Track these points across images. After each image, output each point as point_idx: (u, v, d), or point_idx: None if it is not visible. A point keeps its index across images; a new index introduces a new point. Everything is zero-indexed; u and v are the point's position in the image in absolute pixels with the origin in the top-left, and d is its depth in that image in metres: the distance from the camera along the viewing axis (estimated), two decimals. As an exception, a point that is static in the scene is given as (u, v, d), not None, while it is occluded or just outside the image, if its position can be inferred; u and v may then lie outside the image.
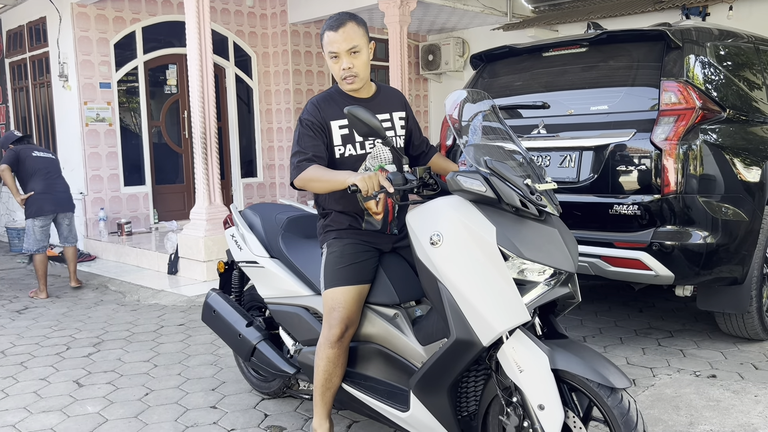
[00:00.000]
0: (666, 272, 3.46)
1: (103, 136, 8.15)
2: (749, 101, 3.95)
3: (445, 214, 2.20)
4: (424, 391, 2.30)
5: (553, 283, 2.13)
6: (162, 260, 6.76)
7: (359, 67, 2.50)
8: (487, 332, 2.07)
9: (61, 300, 5.88)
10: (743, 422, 2.90)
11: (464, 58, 10.51)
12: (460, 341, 2.12)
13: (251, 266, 3.10)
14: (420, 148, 2.82)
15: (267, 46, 9.74)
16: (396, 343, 2.48)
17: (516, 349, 2.10)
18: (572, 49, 4.10)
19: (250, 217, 3.23)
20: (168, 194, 8.89)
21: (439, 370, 2.22)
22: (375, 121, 2.29)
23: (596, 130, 3.73)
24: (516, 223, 2.13)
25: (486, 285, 2.08)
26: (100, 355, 4.25)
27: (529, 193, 2.11)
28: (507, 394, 2.18)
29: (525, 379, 2.07)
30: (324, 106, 2.57)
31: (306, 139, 2.51)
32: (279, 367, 2.96)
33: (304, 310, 2.84)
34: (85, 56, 7.97)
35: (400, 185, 2.32)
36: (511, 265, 2.09)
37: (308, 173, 2.43)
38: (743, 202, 3.58)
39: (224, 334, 3.27)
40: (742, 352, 3.81)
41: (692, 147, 3.43)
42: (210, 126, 6.21)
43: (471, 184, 2.16)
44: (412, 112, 2.79)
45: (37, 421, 3.26)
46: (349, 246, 2.57)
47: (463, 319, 2.10)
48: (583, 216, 3.74)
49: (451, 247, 2.15)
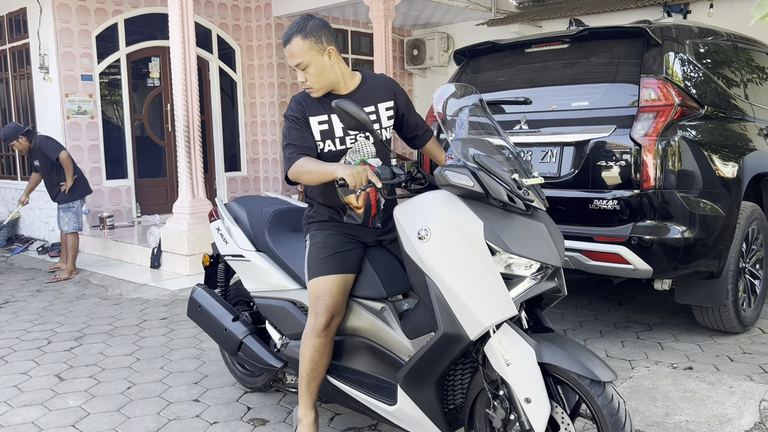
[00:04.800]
0: (645, 266, 3.51)
1: (85, 128, 8.08)
2: (727, 98, 4.02)
3: (433, 209, 2.21)
4: (411, 385, 2.31)
5: (540, 277, 2.15)
6: (145, 254, 6.73)
7: (311, 80, 2.54)
8: (475, 326, 2.08)
9: (42, 294, 5.83)
10: (718, 413, 2.97)
11: (449, 53, 10.53)
12: (447, 335, 2.13)
13: (237, 260, 3.08)
14: (415, 131, 2.80)
15: (251, 39, 9.70)
16: (383, 337, 2.48)
17: (503, 342, 2.11)
18: (554, 45, 4.14)
19: (235, 211, 3.22)
20: (151, 188, 8.83)
21: (427, 364, 2.24)
22: (363, 114, 2.29)
23: (577, 125, 3.77)
24: (503, 218, 2.14)
25: (473, 279, 2.09)
26: (81, 349, 4.23)
27: (516, 188, 2.12)
28: (494, 387, 2.20)
29: (512, 373, 2.08)
30: (305, 102, 2.60)
31: (294, 132, 2.54)
32: (266, 361, 2.95)
33: (291, 304, 2.84)
34: (67, 48, 7.88)
35: (388, 180, 2.32)
36: (499, 260, 2.11)
37: (299, 165, 2.45)
38: (720, 198, 3.64)
39: (210, 330, 3.24)
40: (718, 344, 3.88)
41: (671, 143, 3.48)
42: (193, 119, 6.18)
43: (458, 179, 2.16)
44: (404, 94, 2.75)
45: (18, 415, 3.24)
46: (331, 236, 2.59)
47: (451, 313, 2.11)
48: (563, 211, 3.78)
49: (439, 241, 2.15)
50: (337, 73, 2.57)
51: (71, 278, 6.38)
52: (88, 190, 6.69)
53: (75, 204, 6.53)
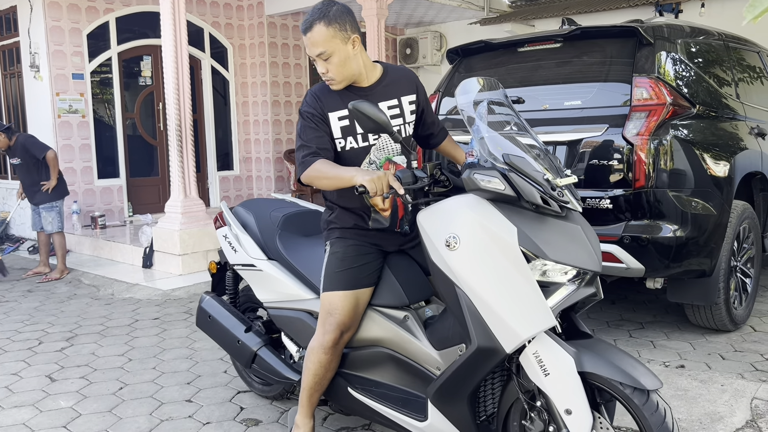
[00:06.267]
0: (637, 265, 3.53)
1: (76, 127, 8.03)
2: (719, 97, 4.04)
3: (461, 215, 2.07)
4: (443, 401, 2.18)
5: (578, 283, 2.02)
6: (137, 254, 6.70)
7: (333, 71, 2.34)
8: (512, 339, 1.95)
9: (33, 294, 5.80)
10: (709, 411, 2.98)
11: (441, 52, 10.54)
12: (482, 349, 2.00)
13: (248, 269, 2.92)
14: (429, 129, 2.64)
15: (243, 37, 9.67)
16: (408, 348, 2.34)
17: (540, 352, 1.98)
18: (547, 44, 4.14)
19: (243, 216, 3.06)
20: (143, 187, 8.80)
21: (460, 379, 2.11)
22: (381, 115, 2.14)
23: (570, 125, 3.78)
24: (537, 222, 2.00)
25: (508, 289, 1.96)
26: (73, 349, 4.21)
27: (550, 189, 1.98)
28: (529, 397, 2.07)
29: (550, 383, 1.96)
30: (323, 96, 2.41)
31: (309, 132, 2.36)
32: (282, 374, 2.80)
33: (308, 315, 2.69)
34: (57, 46, 7.83)
35: (410, 184, 2.18)
36: (534, 267, 1.97)
37: (314, 169, 2.28)
38: (712, 197, 3.66)
39: (222, 341, 3.09)
40: (710, 342, 3.90)
41: (663, 142, 3.49)
42: (185, 118, 6.16)
43: (489, 182, 2.02)
44: (424, 90, 2.59)
45: (9, 416, 3.22)
46: (351, 248, 2.43)
47: (485, 326, 1.98)
48: (556, 210, 3.79)
49: (469, 249, 2.02)
50: (360, 64, 2.39)
51: (62, 278, 6.34)
52: (67, 191, 6.63)
53: (58, 204, 6.47)
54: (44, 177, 6.40)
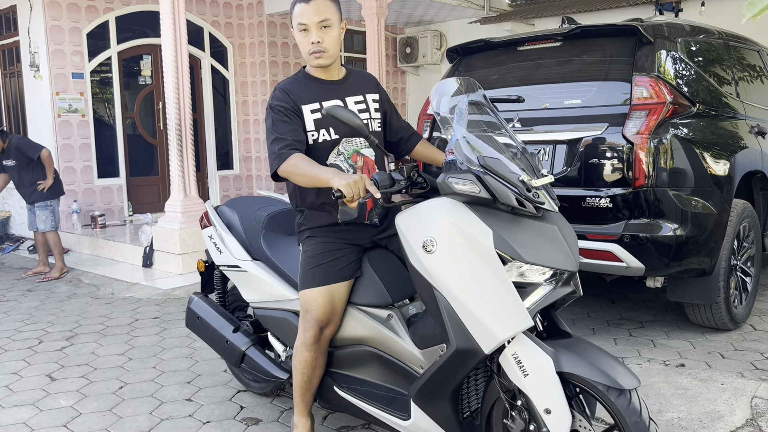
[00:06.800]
0: (637, 264, 3.52)
1: (76, 127, 8.03)
2: (719, 96, 4.04)
3: (438, 219, 2.07)
4: (425, 401, 2.21)
5: (555, 283, 2.04)
6: (137, 253, 6.70)
7: (329, 43, 2.38)
8: (489, 340, 1.98)
9: (33, 293, 5.80)
10: (710, 410, 2.98)
11: (441, 51, 10.53)
12: (460, 350, 2.03)
13: (233, 270, 2.94)
14: (399, 133, 2.68)
15: (243, 37, 9.67)
16: (392, 347, 2.36)
17: (519, 353, 2.01)
18: (547, 43, 4.14)
19: (227, 216, 3.07)
20: (143, 186, 8.79)
21: (440, 380, 2.13)
22: (356, 119, 2.16)
23: (570, 123, 3.78)
24: (513, 224, 2.02)
25: (485, 291, 1.99)
26: (73, 348, 4.21)
27: (526, 190, 2.00)
28: (510, 396, 2.10)
29: (530, 384, 1.99)
30: (294, 90, 2.43)
31: (282, 126, 2.36)
32: (271, 372, 2.84)
33: (293, 315, 2.70)
34: (57, 46, 7.83)
35: (387, 187, 2.19)
36: (510, 269, 1.99)
37: (291, 164, 2.27)
38: (712, 195, 3.66)
39: (211, 341, 3.12)
40: (710, 341, 3.90)
41: (663, 141, 3.49)
42: (185, 117, 6.16)
43: (464, 186, 2.03)
44: (386, 94, 2.66)
45: (9, 415, 3.22)
46: (321, 245, 2.47)
47: (463, 328, 2.01)
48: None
49: (446, 253, 2.03)
50: (339, 52, 2.45)
51: (62, 277, 6.34)
52: (62, 191, 6.65)
53: (52, 203, 6.47)
54: (40, 176, 6.40)
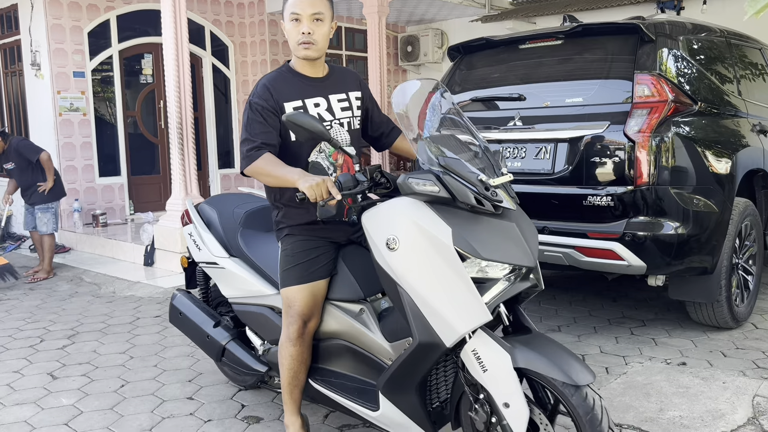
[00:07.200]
0: (638, 262, 3.52)
1: (77, 126, 8.03)
2: (720, 94, 4.03)
3: (400, 218, 2.15)
4: (392, 392, 2.29)
5: (513, 278, 2.13)
6: (138, 252, 6.70)
7: (319, 36, 2.42)
8: (450, 334, 2.06)
9: (34, 292, 5.80)
10: (711, 408, 2.98)
11: (443, 49, 10.52)
12: (423, 344, 2.11)
13: (211, 267, 3.02)
14: (381, 128, 2.73)
15: (244, 35, 9.66)
16: (363, 340, 2.44)
17: (478, 349, 2.10)
18: (548, 41, 4.14)
19: (207, 213, 3.15)
20: (144, 185, 8.80)
21: (405, 372, 2.22)
22: (316, 124, 2.21)
23: (571, 122, 3.77)
24: (472, 222, 2.09)
25: (445, 287, 2.06)
26: (74, 347, 4.21)
27: (484, 189, 2.07)
28: (474, 390, 2.18)
29: (489, 379, 2.08)
30: (276, 86, 2.45)
31: (256, 126, 2.40)
32: (250, 366, 2.92)
33: (270, 310, 2.78)
34: (58, 45, 7.83)
35: (351, 188, 2.26)
36: (470, 265, 2.07)
37: (258, 165, 2.35)
38: (714, 194, 3.65)
39: (192, 336, 3.21)
40: (711, 340, 3.89)
41: (664, 139, 3.48)
42: (186, 116, 6.16)
43: (423, 186, 2.10)
44: (369, 91, 2.71)
45: (11, 414, 3.22)
46: (300, 243, 2.51)
47: (425, 322, 2.09)
48: (557, 207, 3.79)
49: (408, 250, 2.11)
50: (326, 50, 2.51)
51: (49, 277, 6.33)
52: (64, 192, 6.66)
53: (54, 205, 6.46)
54: (40, 178, 6.39)
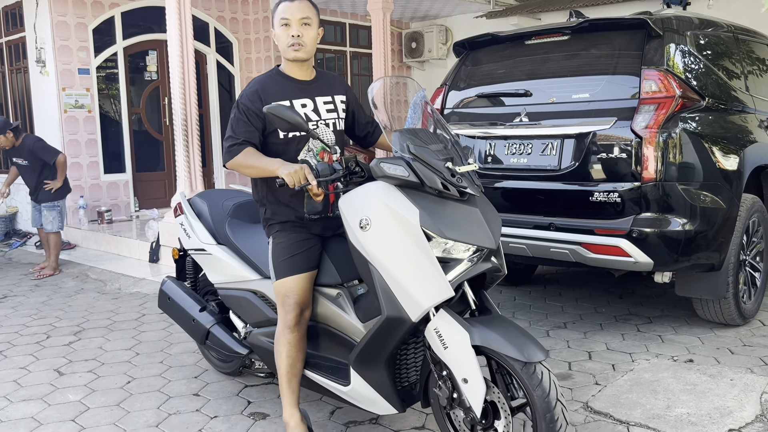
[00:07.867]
0: (645, 259, 3.50)
1: (82, 122, 8.04)
2: (728, 90, 4.00)
3: (372, 199, 2.33)
4: (363, 366, 2.44)
5: (476, 259, 2.28)
6: (143, 248, 6.71)
7: (307, 38, 2.58)
8: (415, 309, 2.22)
9: (40, 288, 5.82)
10: (719, 405, 2.97)
11: (447, 45, 10.50)
12: (390, 318, 2.27)
13: (200, 253, 3.21)
14: (366, 129, 2.90)
15: (249, 32, 9.65)
16: (339, 322, 2.62)
17: (440, 327, 2.25)
18: (554, 37, 4.12)
19: (198, 205, 3.34)
20: (149, 182, 8.81)
21: (375, 346, 2.38)
22: (295, 116, 2.36)
23: (578, 118, 3.76)
24: (439, 205, 2.25)
25: (412, 265, 2.22)
26: (80, 343, 4.22)
27: (450, 175, 2.23)
28: (438, 369, 2.35)
29: (449, 355, 2.23)
30: (266, 89, 2.61)
31: (241, 125, 2.57)
32: (232, 348, 3.09)
33: (252, 294, 2.95)
34: (63, 41, 7.84)
35: (327, 176, 2.42)
36: (435, 245, 2.23)
37: (240, 158, 2.53)
38: (721, 190, 3.63)
39: (179, 320, 3.40)
40: (718, 337, 3.88)
41: (672, 135, 3.46)
42: (191, 113, 6.16)
43: (394, 170, 2.27)
44: (354, 95, 2.87)
45: (18, 409, 3.23)
46: (293, 235, 2.65)
47: (393, 298, 2.25)
48: (564, 203, 3.77)
49: (379, 230, 2.28)
50: (314, 52, 2.66)
51: (55, 274, 6.35)
52: (69, 189, 6.69)
53: (60, 203, 6.50)
54: (49, 177, 6.41)
